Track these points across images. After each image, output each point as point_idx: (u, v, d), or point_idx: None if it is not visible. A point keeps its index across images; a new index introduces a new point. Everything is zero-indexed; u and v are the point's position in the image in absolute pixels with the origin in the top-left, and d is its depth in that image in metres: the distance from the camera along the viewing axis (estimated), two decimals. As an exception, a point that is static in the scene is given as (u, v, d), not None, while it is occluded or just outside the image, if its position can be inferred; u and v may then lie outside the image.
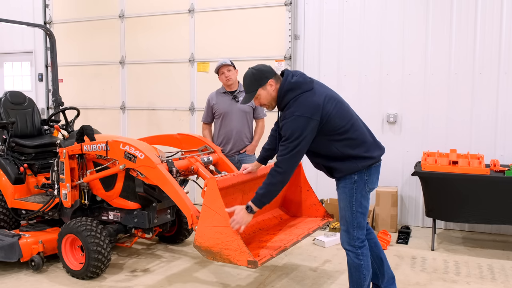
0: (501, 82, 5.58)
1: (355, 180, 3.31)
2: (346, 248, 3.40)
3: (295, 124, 3.16)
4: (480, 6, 5.58)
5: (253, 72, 3.35)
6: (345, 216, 3.36)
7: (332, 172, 3.41)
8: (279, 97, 3.32)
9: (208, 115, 5.33)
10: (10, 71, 8.69)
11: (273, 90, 3.33)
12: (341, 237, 3.43)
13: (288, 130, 3.18)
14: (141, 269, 4.57)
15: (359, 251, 3.35)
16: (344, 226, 3.38)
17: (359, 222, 3.33)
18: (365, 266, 3.36)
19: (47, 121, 5.66)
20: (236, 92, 5.21)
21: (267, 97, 3.36)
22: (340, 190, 3.38)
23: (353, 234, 3.34)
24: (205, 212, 3.44)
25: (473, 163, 4.92)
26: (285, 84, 3.29)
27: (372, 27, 6.04)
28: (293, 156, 3.19)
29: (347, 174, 3.32)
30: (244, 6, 6.68)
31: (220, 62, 5.16)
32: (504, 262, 4.77)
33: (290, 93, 3.25)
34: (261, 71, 3.35)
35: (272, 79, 3.33)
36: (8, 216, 5.02)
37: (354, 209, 3.32)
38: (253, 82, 3.35)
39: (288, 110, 3.24)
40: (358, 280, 3.38)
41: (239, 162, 5.20)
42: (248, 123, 5.27)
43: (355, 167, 3.29)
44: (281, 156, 3.21)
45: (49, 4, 8.05)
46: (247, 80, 3.38)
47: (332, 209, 5.95)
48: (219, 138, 5.24)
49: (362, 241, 3.36)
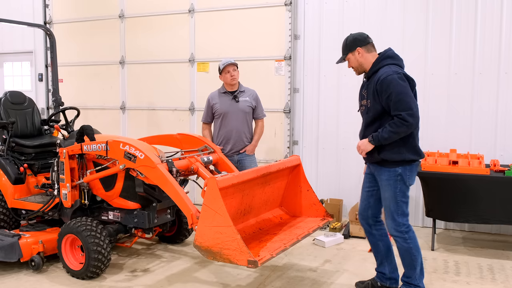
0: (501, 82, 5.58)
1: (399, 173, 3.63)
2: (393, 235, 3.71)
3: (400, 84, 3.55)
4: (480, 6, 5.59)
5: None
6: (389, 206, 3.68)
7: (380, 151, 3.63)
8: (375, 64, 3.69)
9: (208, 115, 5.33)
10: (10, 71, 8.69)
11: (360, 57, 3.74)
12: (387, 225, 3.76)
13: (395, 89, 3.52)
14: (141, 269, 4.57)
15: (406, 235, 3.67)
16: (389, 215, 3.70)
17: (403, 210, 3.67)
18: (414, 248, 3.69)
19: (47, 121, 5.66)
20: (236, 92, 5.22)
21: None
22: (385, 183, 3.69)
23: (399, 221, 3.66)
24: (205, 212, 3.44)
25: (473, 163, 4.92)
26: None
27: (372, 27, 6.04)
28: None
29: (393, 162, 3.62)
30: (244, 6, 6.68)
31: (226, 61, 5.16)
32: (504, 262, 4.77)
33: (389, 60, 3.67)
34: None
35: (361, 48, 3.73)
36: (8, 216, 5.02)
37: (399, 199, 3.65)
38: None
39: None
40: (410, 262, 3.71)
41: (238, 162, 5.20)
42: (248, 123, 5.28)
43: (404, 156, 3.60)
44: (402, 112, 3.49)
45: (49, 4, 8.05)
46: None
47: (332, 209, 5.96)
48: (219, 138, 5.25)
49: (407, 227, 3.68)
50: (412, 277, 3.74)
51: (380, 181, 3.73)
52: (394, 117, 3.50)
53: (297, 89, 6.51)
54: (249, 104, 5.26)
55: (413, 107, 3.50)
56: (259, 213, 4.29)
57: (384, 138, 3.54)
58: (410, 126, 3.48)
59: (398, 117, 3.48)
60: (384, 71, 3.59)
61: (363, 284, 4.08)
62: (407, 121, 3.46)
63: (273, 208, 4.48)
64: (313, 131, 6.48)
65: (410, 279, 3.75)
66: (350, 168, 6.20)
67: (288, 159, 4.48)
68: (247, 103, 5.24)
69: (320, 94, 6.38)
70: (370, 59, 3.72)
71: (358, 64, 3.76)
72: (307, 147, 6.52)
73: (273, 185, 4.33)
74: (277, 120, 6.57)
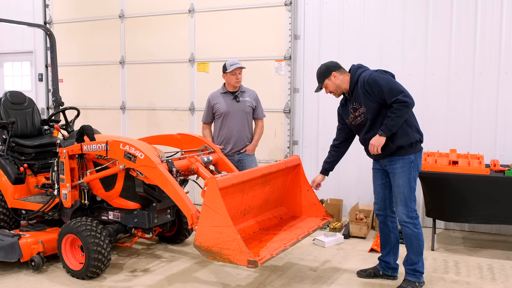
0: (501, 82, 5.58)
1: (412, 160, 3.88)
2: (404, 221, 3.90)
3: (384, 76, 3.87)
4: (480, 6, 5.59)
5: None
6: (403, 192, 3.89)
7: (393, 140, 3.82)
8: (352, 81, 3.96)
9: (208, 115, 5.33)
10: (10, 71, 8.69)
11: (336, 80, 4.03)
12: (398, 213, 3.94)
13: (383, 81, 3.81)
14: (141, 269, 4.57)
15: (416, 221, 3.90)
16: (402, 202, 3.90)
17: (414, 196, 3.93)
18: (422, 234, 3.94)
19: (47, 121, 5.65)
20: (237, 92, 5.22)
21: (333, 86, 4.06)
22: (399, 170, 3.89)
23: (411, 207, 3.89)
24: (205, 212, 3.44)
25: (473, 163, 4.92)
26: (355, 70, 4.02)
27: (372, 27, 6.04)
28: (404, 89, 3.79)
29: (406, 148, 3.84)
30: (244, 6, 6.68)
31: (235, 63, 5.13)
32: (504, 262, 4.77)
33: (360, 69, 3.97)
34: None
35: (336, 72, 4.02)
36: (8, 216, 5.02)
37: (412, 185, 3.89)
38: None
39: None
40: (418, 247, 3.91)
41: (239, 161, 5.21)
42: (249, 123, 5.29)
43: (413, 136, 3.86)
44: (398, 96, 3.72)
45: (49, 4, 8.05)
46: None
47: (332, 209, 5.96)
48: (219, 138, 5.25)
49: (417, 213, 3.93)
50: (418, 263, 3.94)
51: (394, 169, 3.93)
52: (393, 104, 3.73)
53: (297, 89, 6.51)
54: (250, 104, 5.26)
55: (404, 89, 3.77)
56: (259, 213, 4.30)
57: (392, 125, 3.75)
58: (409, 105, 3.73)
59: (396, 102, 3.71)
60: (363, 75, 3.90)
61: (365, 272, 4.35)
62: (405, 101, 3.70)
63: (273, 208, 4.49)
64: (313, 131, 6.48)
65: (417, 265, 3.94)
66: (350, 168, 6.20)
67: (288, 159, 4.49)
68: (248, 103, 5.25)
69: (320, 94, 6.34)
70: (346, 78, 4.01)
71: (336, 87, 4.04)
72: (307, 147, 6.52)
73: (273, 185, 4.33)
74: (277, 120, 6.57)
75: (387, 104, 3.77)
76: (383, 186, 4.13)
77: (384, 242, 4.25)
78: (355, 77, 3.94)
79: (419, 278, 3.95)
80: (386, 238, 4.21)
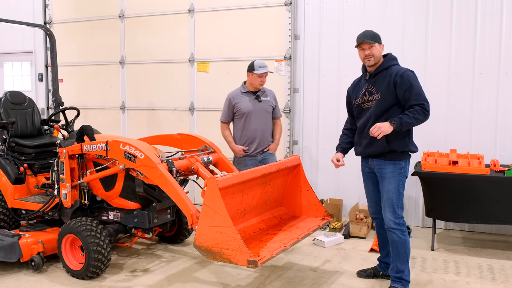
0: (501, 82, 5.58)
1: (402, 167, 3.86)
2: (392, 227, 3.84)
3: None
4: (480, 6, 5.58)
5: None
6: (392, 198, 3.84)
7: (389, 141, 3.79)
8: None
9: (229, 115, 5.23)
10: (10, 71, 8.69)
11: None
12: (386, 219, 3.86)
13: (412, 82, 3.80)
14: (141, 269, 4.57)
15: (403, 228, 3.86)
16: (390, 208, 3.84)
17: (402, 202, 3.88)
18: (408, 241, 3.89)
19: (47, 121, 5.65)
20: (259, 92, 5.20)
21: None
22: (389, 175, 3.85)
23: (398, 213, 3.84)
24: (205, 212, 3.44)
25: (473, 163, 4.91)
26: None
27: (372, 27, 5.99)
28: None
29: (398, 154, 3.83)
30: (244, 6, 6.68)
31: (264, 66, 5.07)
32: (504, 262, 4.77)
33: (395, 61, 3.96)
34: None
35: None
36: (8, 216, 5.02)
37: (401, 191, 3.86)
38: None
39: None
40: (404, 254, 3.85)
41: (262, 161, 5.15)
42: (270, 123, 5.29)
43: (408, 147, 3.86)
44: (424, 102, 3.74)
45: (49, 4, 8.05)
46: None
47: (332, 209, 5.96)
48: (242, 139, 5.18)
49: (404, 220, 3.88)
50: (404, 271, 3.88)
51: (383, 174, 3.89)
52: (415, 106, 3.71)
53: (297, 89, 6.51)
54: (271, 104, 5.26)
55: (428, 101, 3.77)
56: (259, 213, 4.30)
57: (407, 123, 3.71)
58: (428, 116, 3.74)
59: (421, 106, 3.71)
60: (398, 68, 3.89)
61: (365, 272, 4.34)
62: (427, 111, 3.73)
63: (273, 208, 4.48)
64: (313, 131, 6.48)
65: (403, 274, 3.88)
66: (350, 168, 6.18)
67: (288, 159, 4.48)
68: (269, 103, 5.23)
69: (320, 94, 6.38)
70: (382, 57, 3.96)
71: (379, 55, 3.93)
72: (307, 147, 6.52)
73: (273, 185, 4.33)
74: (277, 120, 6.57)
75: (405, 104, 3.76)
76: (375, 190, 4.07)
77: (383, 244, 4.22)
78: (387, 64, 3.90)
79: (405, 286, 3.89)
80: (384, 239, 4.16)
